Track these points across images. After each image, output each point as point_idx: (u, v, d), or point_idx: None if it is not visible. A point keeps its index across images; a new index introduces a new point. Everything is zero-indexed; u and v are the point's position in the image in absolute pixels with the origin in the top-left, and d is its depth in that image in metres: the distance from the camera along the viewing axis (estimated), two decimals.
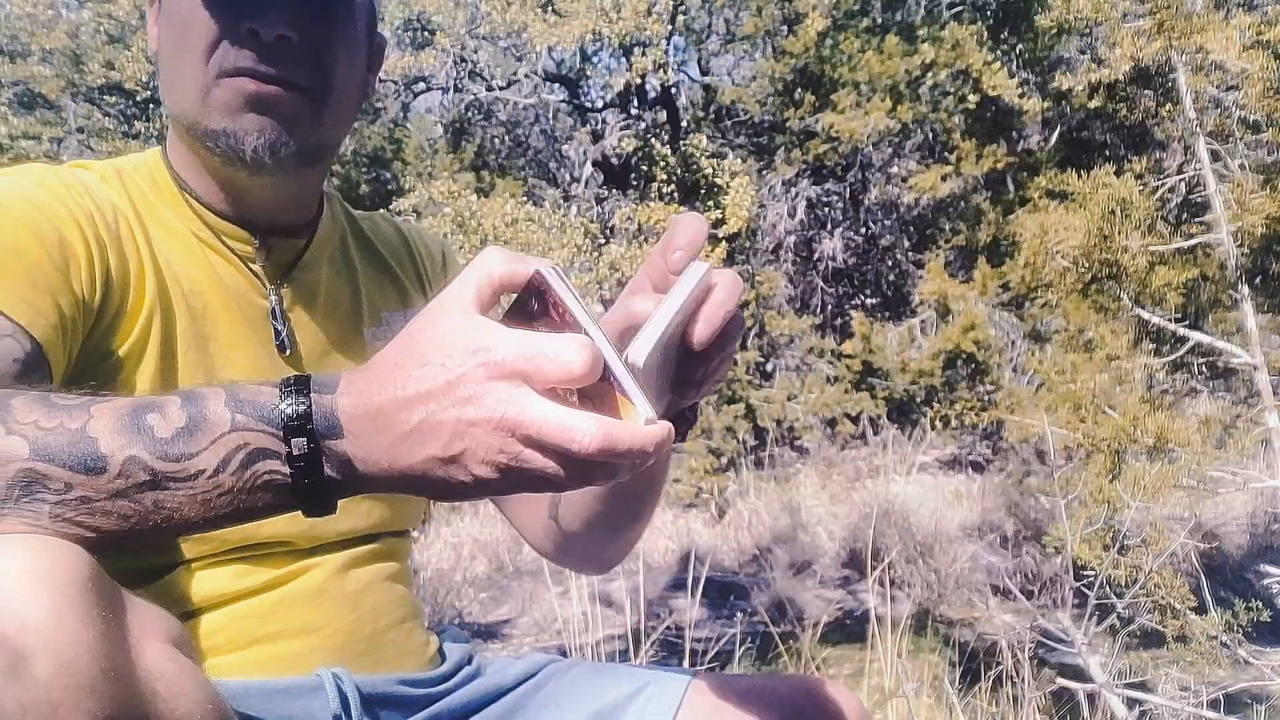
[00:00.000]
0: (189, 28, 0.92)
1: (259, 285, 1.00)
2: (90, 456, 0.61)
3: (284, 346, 1.00)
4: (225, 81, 0.91)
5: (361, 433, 0.63)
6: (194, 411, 0.64)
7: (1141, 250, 3.56)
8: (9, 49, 7.86)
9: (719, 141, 9.26)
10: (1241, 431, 3.58)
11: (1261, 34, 3.49)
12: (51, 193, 0.90)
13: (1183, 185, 4.05)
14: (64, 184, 0.92)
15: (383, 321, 1.10)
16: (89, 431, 0.62)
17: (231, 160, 0.93)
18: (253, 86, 0.91)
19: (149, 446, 0.62)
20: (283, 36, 0.91)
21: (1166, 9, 3.48)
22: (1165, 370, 4.10)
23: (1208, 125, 3.65)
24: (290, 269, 1.03)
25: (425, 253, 1.19)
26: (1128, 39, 3.64)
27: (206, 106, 0.92)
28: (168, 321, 0.94)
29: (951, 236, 8.80)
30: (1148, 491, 3.30)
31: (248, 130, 0.92)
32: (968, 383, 8.29)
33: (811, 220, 9.72)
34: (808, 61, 8.38)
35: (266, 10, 0.90)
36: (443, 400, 0.61)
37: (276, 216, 1.01)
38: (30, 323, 0.80)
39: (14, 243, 0.83)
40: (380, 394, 0.62)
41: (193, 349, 0.95)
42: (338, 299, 1.07)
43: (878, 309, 9.62)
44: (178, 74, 0.94)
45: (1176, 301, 3.69)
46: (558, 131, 10.72)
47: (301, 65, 0.93)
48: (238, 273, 0.99)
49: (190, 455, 0.63)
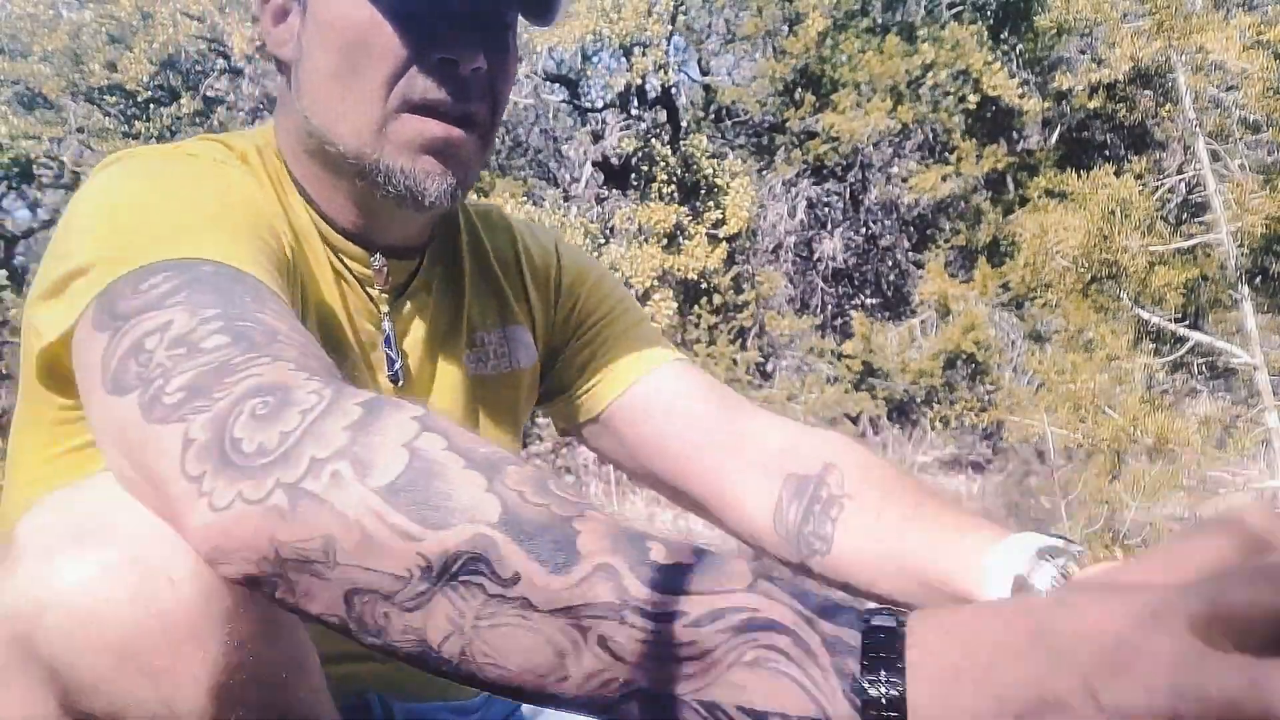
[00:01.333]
0: (366, 48, 0.82)
1: (373, 309, 0.93)
2: (562, 547, 0.49)
3: (397, 378, 0.94)
4: (408, 118, 0.83)
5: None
6: (710, 556, 0.50)
7: (1141, 250, 3.56)
8: (9, 49, 7.86)
9: (719, 142, 9.25)
10: (1241, 432, 3.58)
11: (1261, 34, 3.49)
12: (239, 179, 0.83)
13: (1183, 185, 4.05)
14: (238, 171, 0.85)
15: (478, 343, 1.02)
16: (575, 524, 0.51)
17: (403, 201, 0.85)
18: (439, 130, 0.83)
19: (634, 564, 0.49)
20: (478, 69, 0.83)
21: (1166, 9, 3.48)
22: (1165, 370, 4.10)
23: (1207, 125, 3.65)
24: (403, 291, 0.96)
25: (533, 263, 1.09)
26: (1127, 39, 3.64)
27: (380, 140, 0.83)
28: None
29: (951, 236, 8.80)
30: (1148, 492, 3.30)
31: (429, 174, 0.84)
32: (968, 383, 8.29)
33: (811, 220, 9.72)
34: (808, 62, 8.38)
35: (463, 39, 0.82)
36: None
37: (402, 240, 0.95)
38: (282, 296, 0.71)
39: (244, 221, 0.76)
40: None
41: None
42: (441, 323, 0.99)
43: (878, 309, 9.61)
44: (340, 96, 0.84)
45: (1176, 301, 3.70)
46: (558, 132, 10.71)
47: (484, 99, 0.86)
48: (353, 292, 0.92)
49: (680, 592, 0.48)
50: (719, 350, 8.37)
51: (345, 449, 0.52)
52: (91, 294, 0.67)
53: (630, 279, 7.30)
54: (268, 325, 0.63)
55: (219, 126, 8.43)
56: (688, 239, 7.84)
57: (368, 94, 0.83)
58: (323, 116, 0.86)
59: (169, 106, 7.77)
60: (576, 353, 1.09)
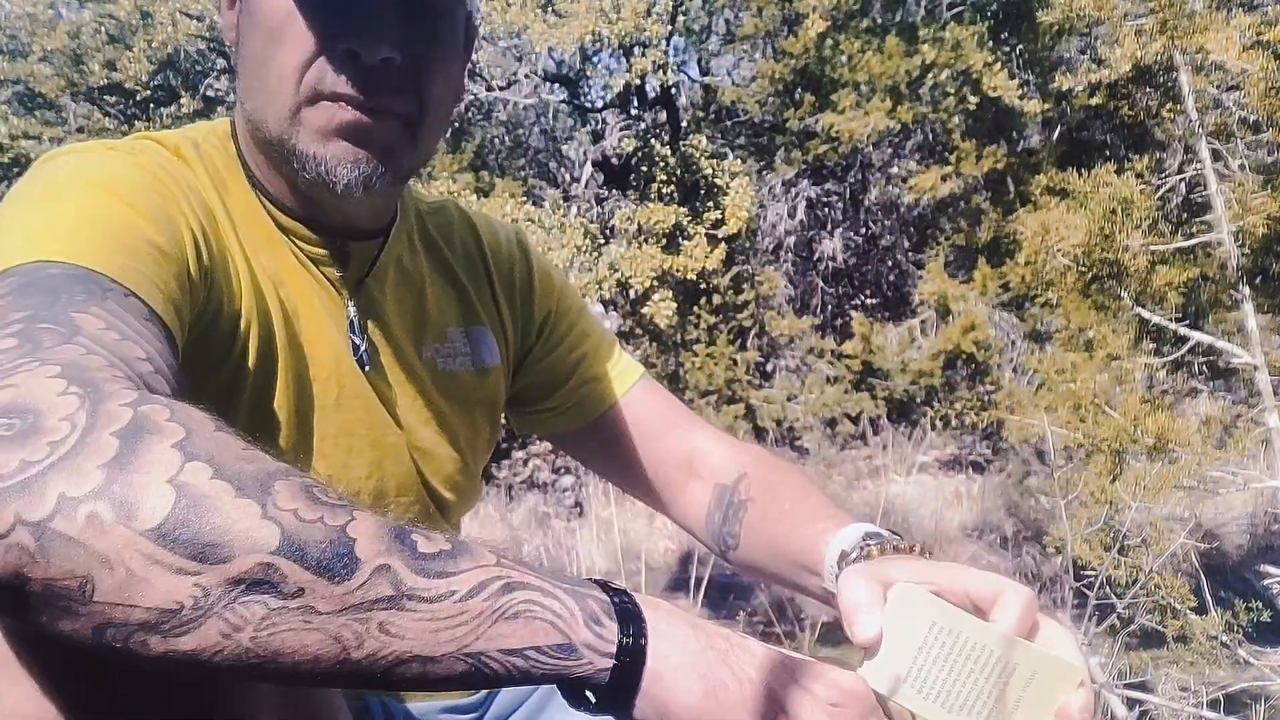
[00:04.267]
0: (280, 37, 0.83)
1: (335, 293, 0.95)
2: (342, 559, 0.54)
3: (363, 362, 0.95)
4: (320, 105, 0.84)
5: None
6: (462, 543, 0.59)
7: (1142, 250, 3.56)
8: (9, 49, 7.86)
9: (719, 142, 9.25)
10: (1241, 431, 3.58)
11: (1262, 34, 3.48)
12: (154, 172, 0.83)
13: (1183, 185, 4.05)
14: (158, 164, 0.85)
15: (447, 338, 1.05)
16: (349, 532, 0.55)
17: (317, 186, 0.87)
18: (349, 115, 0.83)
19: (407, 560, 0.56)
20: (386, 59, 0.83)
21: (1169, 8, 3.47)
22: (1165, 370, 4.10)
23: (1208, 125, 3.65)
24: (364, 277, 0.97)
25: (500, 261, 1.12)
26: (1129, 38, 3.63)
27: (294, 126, 0.85)
28: (265, 316, 0.88)
29: (951, 236, 8.80)
30: (1148, 492, 3.30)
31: (340, 160, 0.84)
32: (968, 383, 8.29)
33: (811, 220, 9.72)
34: (808, 62, 8.37)
35: (370, 30, 0.82)
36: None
37: (353, 225, 0.95)
38: (149, 296, 0.71)
39: (126, 220, 0.75)
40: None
41: (286, 349, 0.90)
42: (403, 311, 1.01)
43: (878, 309, 9.61)
44: (262, 84, 0.86)
45: (1177, 301, 3.69)
46: (558, 132, 10.71)
47: (402, 91, 0.85)
48: (313, 278, 0.93)
49: (446, 574, 0.57)
50: (719, 350, 8.37)
51: (102, 489, 0.50)
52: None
53: (630, 279, 7.29)
54: (74, 324, 0.61)
55: None
56: (687, 239, 7.83)
57: (280, 80, 0.84)
58: (252, 102, 0.88)
59: (169, 106, 7.77)
60: (553, 362, 1.17)
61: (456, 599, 0.56)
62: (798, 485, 1.11)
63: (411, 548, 0.57)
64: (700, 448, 1.18)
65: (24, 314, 0.61)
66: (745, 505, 1.12)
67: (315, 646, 0.54)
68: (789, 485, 1.11)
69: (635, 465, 1.19)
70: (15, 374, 0.55)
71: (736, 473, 1.14)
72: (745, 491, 1.13)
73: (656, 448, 1.19)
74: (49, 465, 0.50)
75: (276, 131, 0.86)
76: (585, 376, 1.18)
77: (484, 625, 0.57)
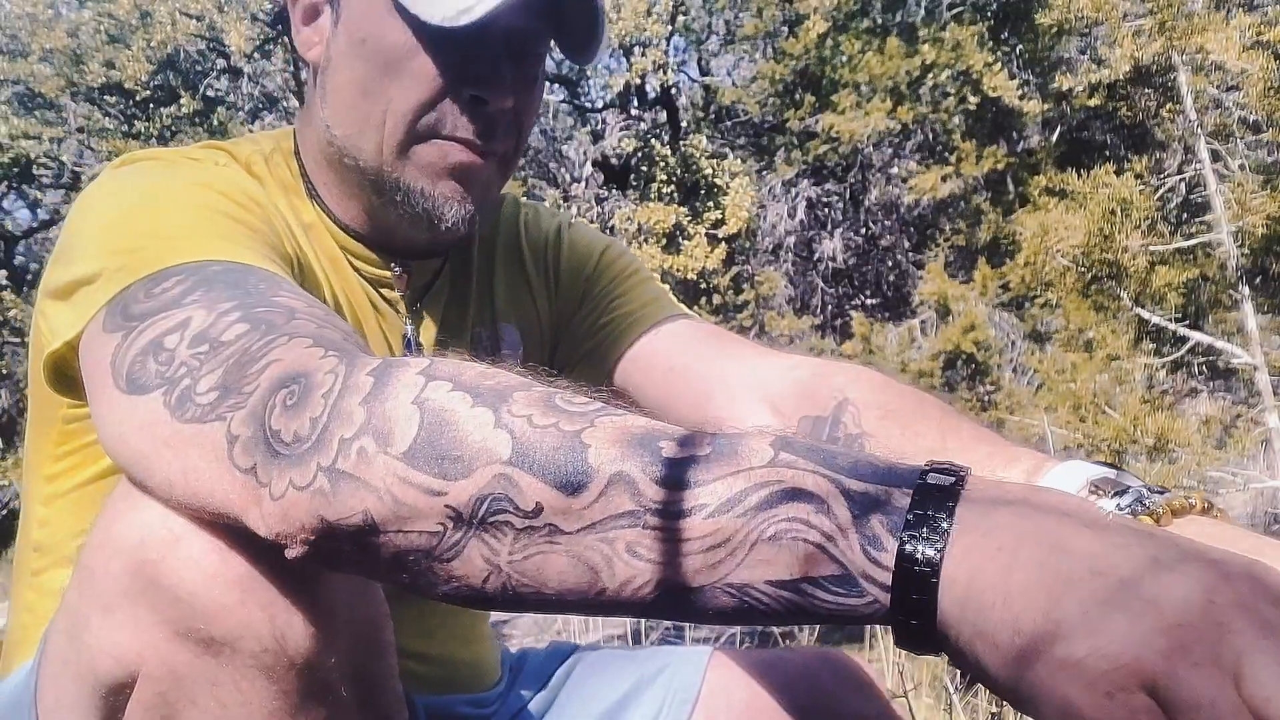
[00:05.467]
0: (398, 71, 0.82)
1: (391, 312, 0.94)
2: (572, 467, 0.49)
3: None
4: (437, 143, 0.84)
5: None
6: (729, 441, 0.50)
7: (1142, 250, 3.56)
8: (9, 49, 7.86)
9: (719, 142, 9.26)
10: (1241, 431, 3.58)
11: (1261, 34, 3.49)
12: (242, 185, 0.83)
13: (1183, 185, 4.05)
14: (241, 177, 0.85)
15: (475, 340, 1.02)
16: (584, 438, 0.50)
17: (418, 222, 0.86)
18: (464, 157, 0.84)
19: (646, 467, 0.49)
20: (504, 108, 0.84)
21: (1168, 8, 3.48)
22: (1165, 370, 4.10)
23: (1208, 125, 3.65)
24: (424, 294, 0.96)
25: (536, 250, 1.07)
26: (1128, 39, 3.64)
27: (402, 161, 0.84)
28: None
29: (951, 236, 8.80)
30: None
31: (447, 198, 0.84)
32: (968, 383, 8.29)
33: (811, 220, 9.72)
34: (808, 62, 8.38)
35: (495, 79, 0.83)
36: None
37: (415, 247, 0.94)
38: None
39: (249, 225, 0.76)
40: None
41: None
42: (450, 323, 0.99)
43: (878, 309, 9.62)
44: (364, 114, 0.84)
45: (1177, 301, 3.70)
46: (558, 131, 10.71)
47: (509, 135, 0.87)
48: (369, 298, 0.92)
49: (694, 484, 0.48)
50: None
51: (365, 424, 0.54)
52: (100, 301, 0.68)
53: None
54: (285, 305, 0.64)
55: (219, 126, 8.42)
56: (687, 239, 7.83)
57: (394, 113, 0.83)
58: (346, 129, 0.86)
59: (168, 106, 7.77)
60: (584, 319, 1.07)
61: (706, 514, 0.47)
62: (933, 410, 0.84)
63: (655, 453, 0.49)
64: (765, 376, 0.92)
65: (230, 304, 0.64)
66: (858, 442, 0.83)
67: (567, 571, 0.50)
68: (922, 411, 0.84)
69: (666, 409, 0.95)
70: (273, 350, 0.59)
71: (834, 398, 0.87)
72: (855, 423, 0.84)
73: (694, 385, 0.94)
74: (328, 415, 0.54)
75: (376, 162, 0.85)
76: (609, 319, 1.02)
77: (742, 550, 0.47)
